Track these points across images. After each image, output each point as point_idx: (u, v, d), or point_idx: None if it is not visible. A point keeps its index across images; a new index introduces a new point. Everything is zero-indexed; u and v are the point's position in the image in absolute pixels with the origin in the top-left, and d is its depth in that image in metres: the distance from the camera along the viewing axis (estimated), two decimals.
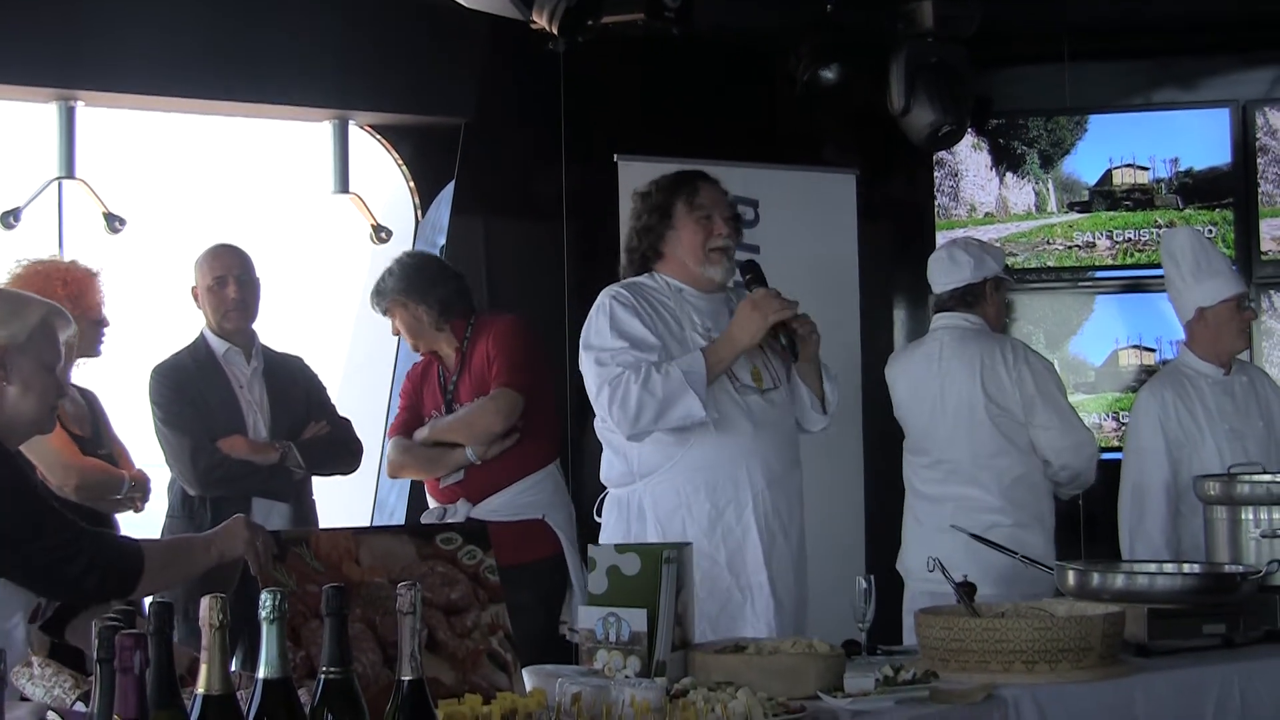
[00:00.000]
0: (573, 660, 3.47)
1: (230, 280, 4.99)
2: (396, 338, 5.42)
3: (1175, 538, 5.13)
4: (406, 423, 5.21)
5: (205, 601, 1.93)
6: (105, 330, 4.74)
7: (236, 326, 5.03)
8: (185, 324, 5.12)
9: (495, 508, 5.02)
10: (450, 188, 6.35)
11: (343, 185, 6.23)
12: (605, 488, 4.32)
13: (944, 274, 5.19)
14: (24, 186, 5.60)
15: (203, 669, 1.94)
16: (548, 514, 5.04)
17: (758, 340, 4.07)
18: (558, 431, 5.34)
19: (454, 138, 6.33)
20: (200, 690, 1.95)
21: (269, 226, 6.06)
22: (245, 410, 4.98)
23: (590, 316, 4.19)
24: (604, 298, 4.19)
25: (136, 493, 4.69)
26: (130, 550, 3.05)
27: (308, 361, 5.27)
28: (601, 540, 4.21)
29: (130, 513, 4.74)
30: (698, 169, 4.38)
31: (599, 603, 3.21)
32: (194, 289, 5.06)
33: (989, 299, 5.15)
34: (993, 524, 4.74)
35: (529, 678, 2.92)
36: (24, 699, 2.69)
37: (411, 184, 6.44)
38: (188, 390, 4.95)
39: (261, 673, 2.00)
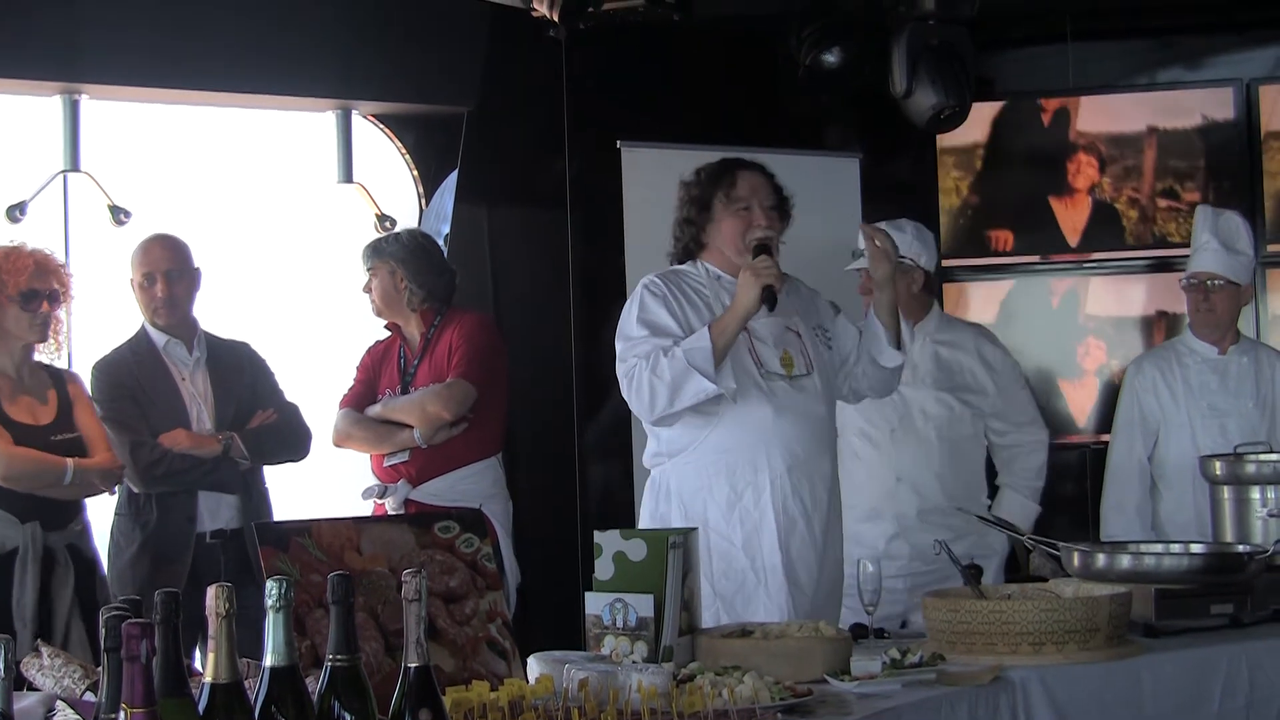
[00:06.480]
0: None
1: (158, 277, 4.94)
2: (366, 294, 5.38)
3: (1150, 512, 5.16)
4: (359, 396, 5.31)
5: (211, 590, 1.94)
6: (51, 316, 4.64)
7: (167, 322, 4.98)
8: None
9: (435, 492, 5.13)
10: (453, 176, 6.34)
11: (347, 175, 6.24)
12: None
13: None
14: (29, 180, 5.59)
15: (210, 657, 1.95)
16: (485, 504, 5.04)
17: (754, 304, 4.01)
18: (503, 427, 5.37)
19: (457, 126, 6.33)
20: (208, 679, 1.96)
21: (274, 217, 6.07)
22: (188, 403, 4.92)
23: (625, 307, 4.21)
24: (638, 287, 4.21)
25: (96, 479, 4.61)
26: None
27: (255, 348, 5.19)
28: (640, 518, 4.31)
29: (99, 497, 4.72)
30: (738, 157, 4.36)
31: (606, 588, 3.22)
32: (131, 281, 5.00)
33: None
34: None
35: (536, 664, 2.93)
36: (32, 689, 2.70)
37: (415, 173, 6.45)
38: (127, 385, 4.88)
39: (268, 661, 2.01)
